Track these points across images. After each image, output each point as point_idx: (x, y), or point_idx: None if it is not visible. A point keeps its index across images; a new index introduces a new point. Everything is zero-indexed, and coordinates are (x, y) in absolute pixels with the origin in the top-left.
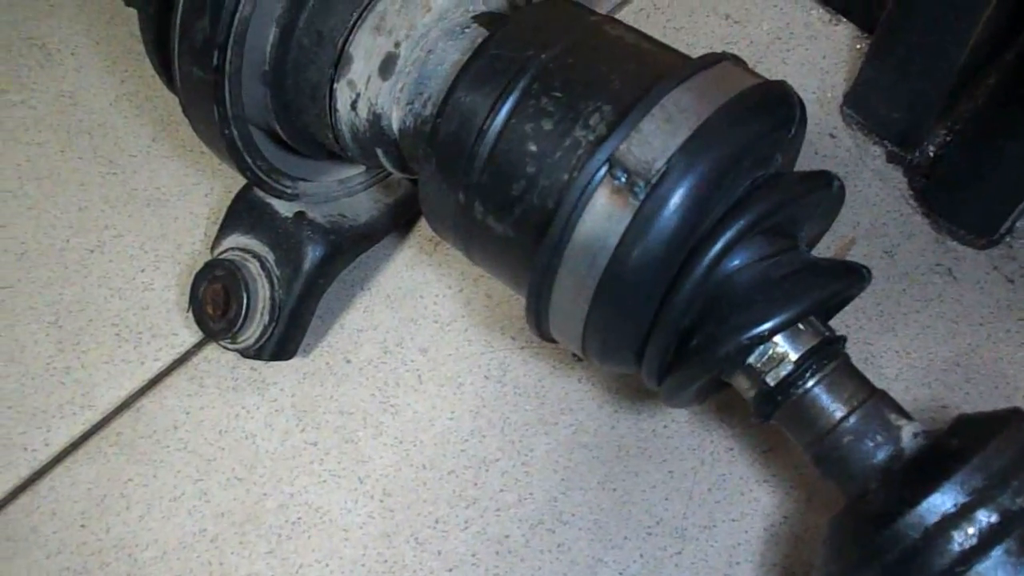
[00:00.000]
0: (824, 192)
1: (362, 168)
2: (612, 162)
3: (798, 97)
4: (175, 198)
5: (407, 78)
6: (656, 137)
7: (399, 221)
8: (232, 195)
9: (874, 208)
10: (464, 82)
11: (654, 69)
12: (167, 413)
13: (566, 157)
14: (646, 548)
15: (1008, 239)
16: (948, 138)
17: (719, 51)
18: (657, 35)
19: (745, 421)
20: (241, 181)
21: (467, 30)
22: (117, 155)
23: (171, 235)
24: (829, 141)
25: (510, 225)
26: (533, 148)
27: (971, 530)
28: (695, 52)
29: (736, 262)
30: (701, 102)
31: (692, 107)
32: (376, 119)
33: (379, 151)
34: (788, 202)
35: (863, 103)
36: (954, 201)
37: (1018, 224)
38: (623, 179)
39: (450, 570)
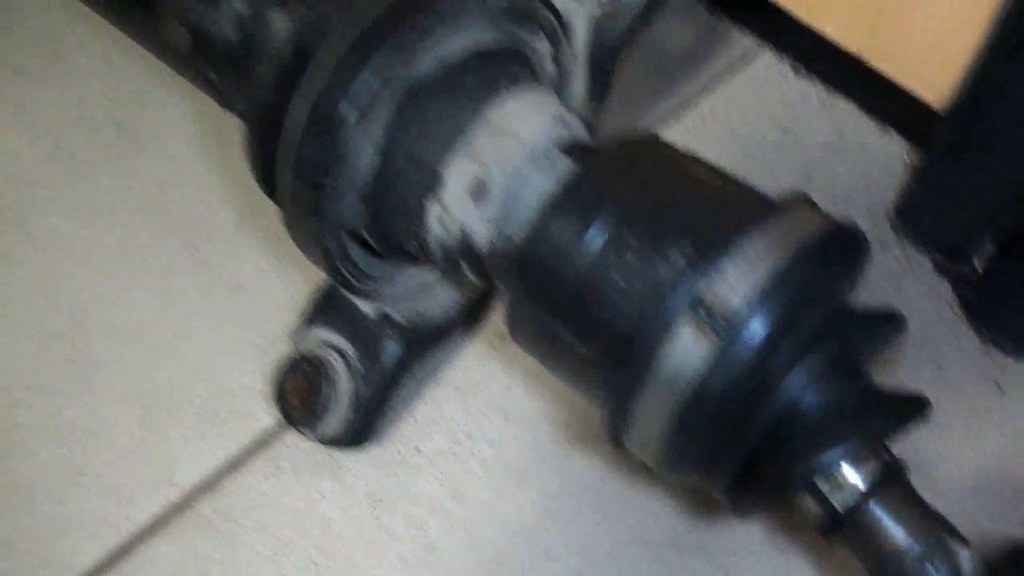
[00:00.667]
0: (891, 329)
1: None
2: (693, 299)
3: (864, 236)
4: (257, 285)
5: (496, 202)
6: (736, 278)
7: (471, 318)
8: (312, 283)
9: (923, 318)
10: (553, 213)
11: (735, 210)
12: (246, 494)
13: (650, 291)
14: None
15: None
16: (996, 251)
17: (794, 190)
18: (714, 143)
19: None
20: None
21: (554, 160)
22: (203, 242)
23: (253, 322)
24: (878, 250)
25: (594, 350)
26: (618, 280)
27: None
28: (751, 161)
29: (806, 391)
30: (778, 245)
31: (770, 249)
32: (465, 238)
33: (465, 266)
34: (858, 339)
35: (911, 215)
36: (1001, 313)
37: None
38: (704, 315)
39: None
